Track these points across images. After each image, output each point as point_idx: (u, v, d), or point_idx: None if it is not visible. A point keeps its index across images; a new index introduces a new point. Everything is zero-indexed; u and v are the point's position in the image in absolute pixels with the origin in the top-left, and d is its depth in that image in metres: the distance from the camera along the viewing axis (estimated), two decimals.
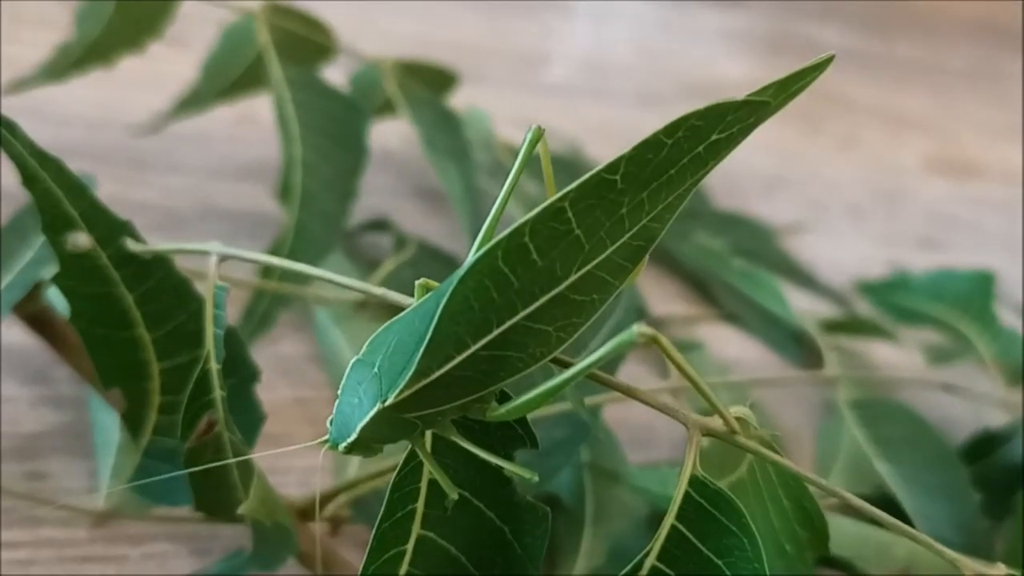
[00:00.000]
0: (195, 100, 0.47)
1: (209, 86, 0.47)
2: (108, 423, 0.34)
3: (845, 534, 0.34)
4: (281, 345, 0.42)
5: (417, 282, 0.22)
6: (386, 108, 0.50)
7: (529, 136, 0.23)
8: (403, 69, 0.48)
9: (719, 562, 0.22)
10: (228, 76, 0.46)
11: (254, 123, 0.54)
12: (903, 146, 0.76)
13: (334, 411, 0.21)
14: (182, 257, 0.29)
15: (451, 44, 0.69)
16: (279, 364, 0.41)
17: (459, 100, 0.52)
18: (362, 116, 0.44)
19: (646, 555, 0.22)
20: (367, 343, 0.21)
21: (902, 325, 0.49)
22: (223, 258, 0.26)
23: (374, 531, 0.23)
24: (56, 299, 0.34)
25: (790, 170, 0.69)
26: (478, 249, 0.21)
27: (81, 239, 0.27)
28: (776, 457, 0.22)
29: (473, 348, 0.20)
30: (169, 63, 0.51)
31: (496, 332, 0.20)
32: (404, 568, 0.23)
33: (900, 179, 0.71)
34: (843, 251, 0.60)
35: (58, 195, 0.27)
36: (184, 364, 0.29)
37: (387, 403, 0.20)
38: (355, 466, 0.33)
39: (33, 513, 0.32)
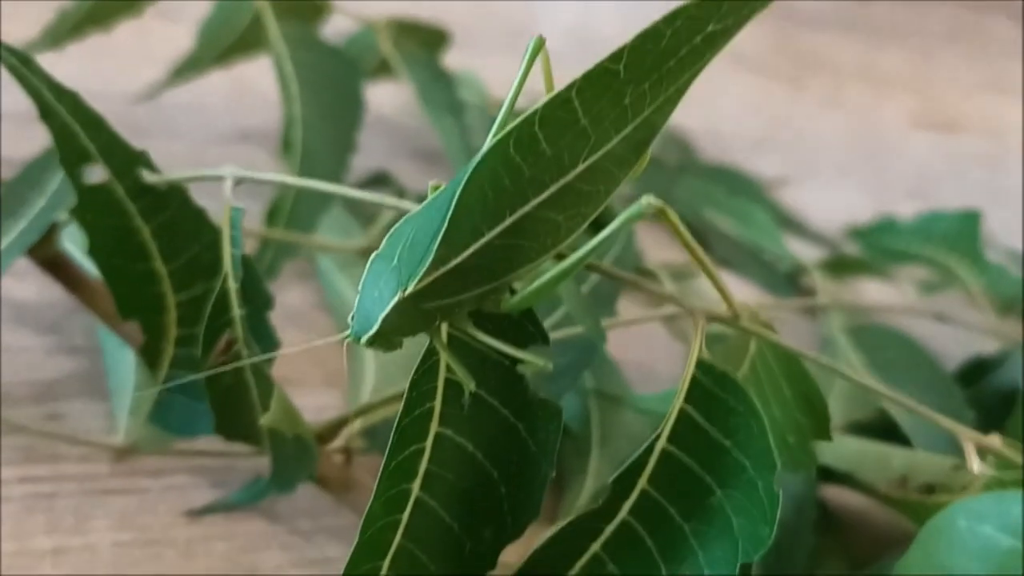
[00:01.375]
0: (192, 65, 0.48)
1: (206, 51, 0.48)
2: (122, 366, 0.35)
3: (846, 449, 0.35)
4: (287, 294, 0.42)
5: (430, 183, 0.23)
6: (380, 70, 0.51)
7: (531, 46, 0.24)
8: (397, 28, 0.49)
9: (726, 442, 0.23)
10: (224, 40, 0.47)
11: (250, 91, 0.55)
12: (886, 104, 0.77)
13: (355, 306, 0.22)
14: None
15: (437, 19, 0.70)
16: (286, 312, 0.41)
17: (450, 66, 0.52)
18: (358, 72, 0.45)
19: (657, 438, 0.23)
20: (385, 239, 0.22)
21: (893, 266, 0.50)
22: (238, 181, 0.27)
23: (394, 429, 0.24)
24: (71, 244, 0.35)
25: (777, 129, 0.70)
26: None
27: (97, 172, 0.28)
28: (777, 338, 0.23)
29: (488, 236, 0.21)
30: (161, 38, 0.52)
31: (509, 220, 0.21)
32: (423, 465, 0.24)
33: (885, 135, 0.73)
34: (831, 203, 0.61)
35: (74, 128, 0.27)
36: (199, 296, 0.30)
37: (407, 292, 0.21)
38: (367, 394, 0.34)
39: (54, 451, 0.33)
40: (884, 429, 0.38)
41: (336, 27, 0.49)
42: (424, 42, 0.50)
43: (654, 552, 0.24)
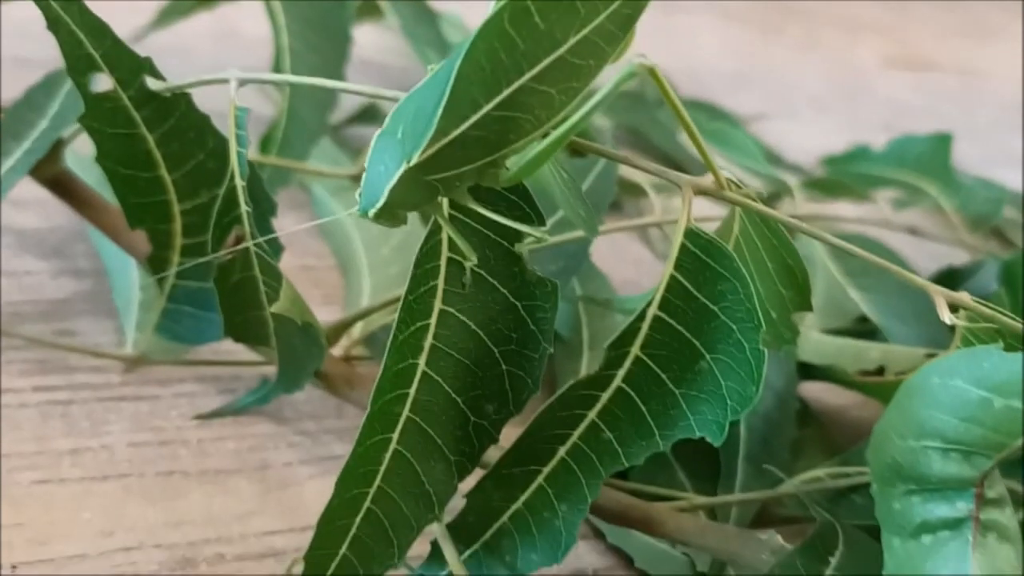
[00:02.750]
0: (177, 8, 0.49)
1: None
2: (127, 283, 0.36)
3: (825, 345, 0.37)
4: (281, 221, 0.43)
5: (428, 66, 0.24)
6: (364, 12, 0.52)
7: None
8: None
9: (714, 308, 0.24)
10: None
11: (234, 34, 0.56)
12: (861, 46, 0.79)
13: (362, 183, 0.23)
14: None
15: None
16: (281, 238, 0.43)
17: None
18: (345, 5, 0.46)
19: (648, 305, 0.25)
20: (389, 116, 0.23)
21: (867, 190, 0.52)
22: (242, 83, 0.28)
23: (400, 304, 0.25)
24: (75, 167, 0.36)
25: (753, 69, 0.71)
26: None
27: (102, 80, 0.29)
28: (761, 206, 0.25)
29: (486, 108, 0.22)
30: None
31: (506, 92, 0.22)
32: (428, 341, 0.25)
33: (859, 74, 0.74)
34: (808, 137, 0.63)
35: (80, 37, 0.28)
36: (204, 204, 0.31)
37: (412, 163, 0.22)
38: (366, 298, 0.35)
39: (67, 363, 0.34)
40: (864, 332, 0.39)
41: None
42: None
43: (648, 417, 0.25)
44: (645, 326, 0.25)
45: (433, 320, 0.25)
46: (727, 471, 0.33)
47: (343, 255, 0.41)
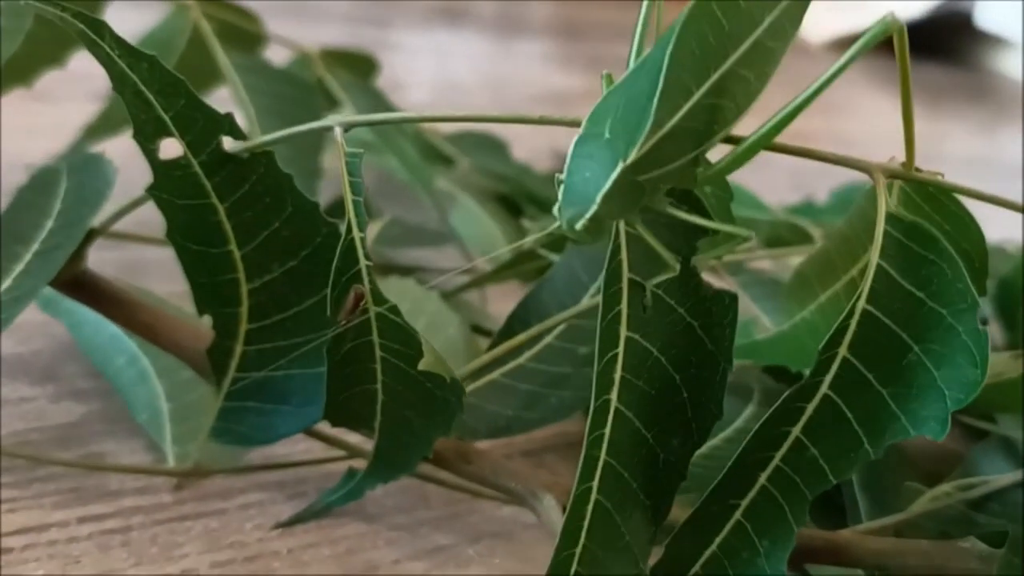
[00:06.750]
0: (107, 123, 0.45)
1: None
2: (149, 398, 0.32)
3: None
4: None
5: (604, 72, 0.23)
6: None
7: None
8: (329, 57, 0.48)
9: (920, 294, 0.23)
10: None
11: None
12: (742, 129, 0.82)
13: (560, 196, 0.21)
14: None
15: None
16: None
17: None
18: (312, 93, 0.44)
19: (857, 299, 0.23)
20: (586, 119, 0.21)
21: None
22: (347, 128, 0.25)
23: (598, 335, 0.23)
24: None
25: None
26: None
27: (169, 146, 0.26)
28: (952, 184, 0.24)
29: (697, 95, 0.21)
30: (44, 116, 0.49)
31: (714, 77, 0.21)
32: (618, 372, 0.23)
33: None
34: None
35: (149, 98, 0.25)
36: (274, 280, 0.28)
37: (628, 161, 0.20)
38: None
39: (104, 488, 0.29)
40: None
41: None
42: (356, 69, 0.49)
43: (855, 425, 0.24)
44: (854, 323, 0.23)
45: (621, 348, 0.23)
46: (851, 503, 0.31)
47: None
